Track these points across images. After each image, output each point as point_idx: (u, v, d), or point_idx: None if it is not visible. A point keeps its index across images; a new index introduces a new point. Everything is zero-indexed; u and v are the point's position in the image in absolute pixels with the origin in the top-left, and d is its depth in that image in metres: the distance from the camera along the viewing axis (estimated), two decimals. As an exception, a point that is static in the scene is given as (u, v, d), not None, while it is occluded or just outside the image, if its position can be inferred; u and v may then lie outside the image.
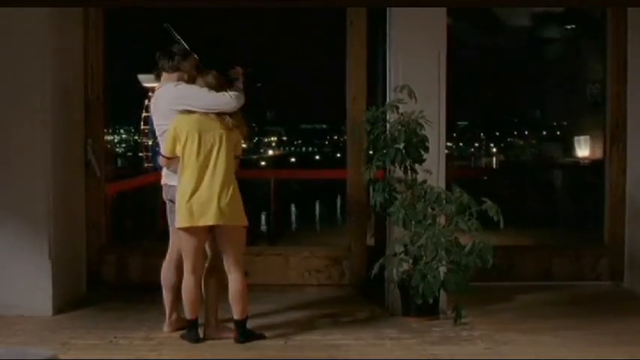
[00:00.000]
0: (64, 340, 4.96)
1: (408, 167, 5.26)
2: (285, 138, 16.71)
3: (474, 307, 5.65)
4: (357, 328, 5.30)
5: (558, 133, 12.71)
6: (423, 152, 5.21)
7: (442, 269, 4.99)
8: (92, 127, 6.29)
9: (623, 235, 6.41)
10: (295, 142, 16.71)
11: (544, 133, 13.70)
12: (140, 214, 7.72)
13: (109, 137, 9.83)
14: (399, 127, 5.09)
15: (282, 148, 16.69)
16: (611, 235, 6.52)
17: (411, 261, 5.16)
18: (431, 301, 5.10)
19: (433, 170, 5.50)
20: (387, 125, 5.39)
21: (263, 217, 8.73)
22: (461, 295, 5.23)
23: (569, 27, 10.80)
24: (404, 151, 5.14)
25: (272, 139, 16.86)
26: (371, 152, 5.52)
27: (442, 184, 5.55)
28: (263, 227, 8.90)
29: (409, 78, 5.52)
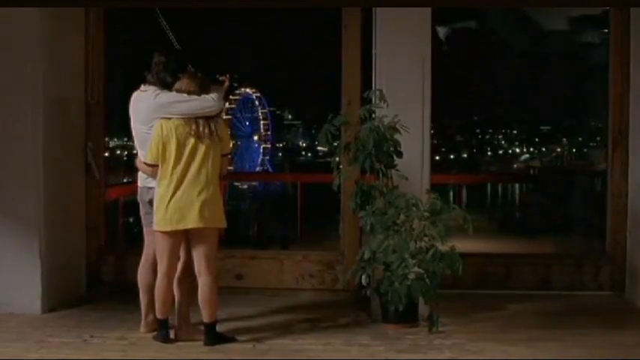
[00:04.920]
0: (40, 338, 5.08)
1: (380, 173, 5.17)
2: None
3: (462, 315, 5.58)
4: (331, 333, 5.25)
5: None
6: (395, 157, 5.12)
7: (411, 276, 4.90)
8: (92, 130, 6.42)
9: (625, 244, 6.16)
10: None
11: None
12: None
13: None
14: (368, 131, 5.02)
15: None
16: (613, 245, 6.28)
17: (382, 267, 5.09)
18: (400, 308, 5.02)
19: (415, 176, 5.41)
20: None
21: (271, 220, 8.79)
22: (430, 303, 5.13)
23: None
24: (374, 157, 5.06)
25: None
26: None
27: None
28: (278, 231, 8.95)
29: (392, 81, 5.48)
